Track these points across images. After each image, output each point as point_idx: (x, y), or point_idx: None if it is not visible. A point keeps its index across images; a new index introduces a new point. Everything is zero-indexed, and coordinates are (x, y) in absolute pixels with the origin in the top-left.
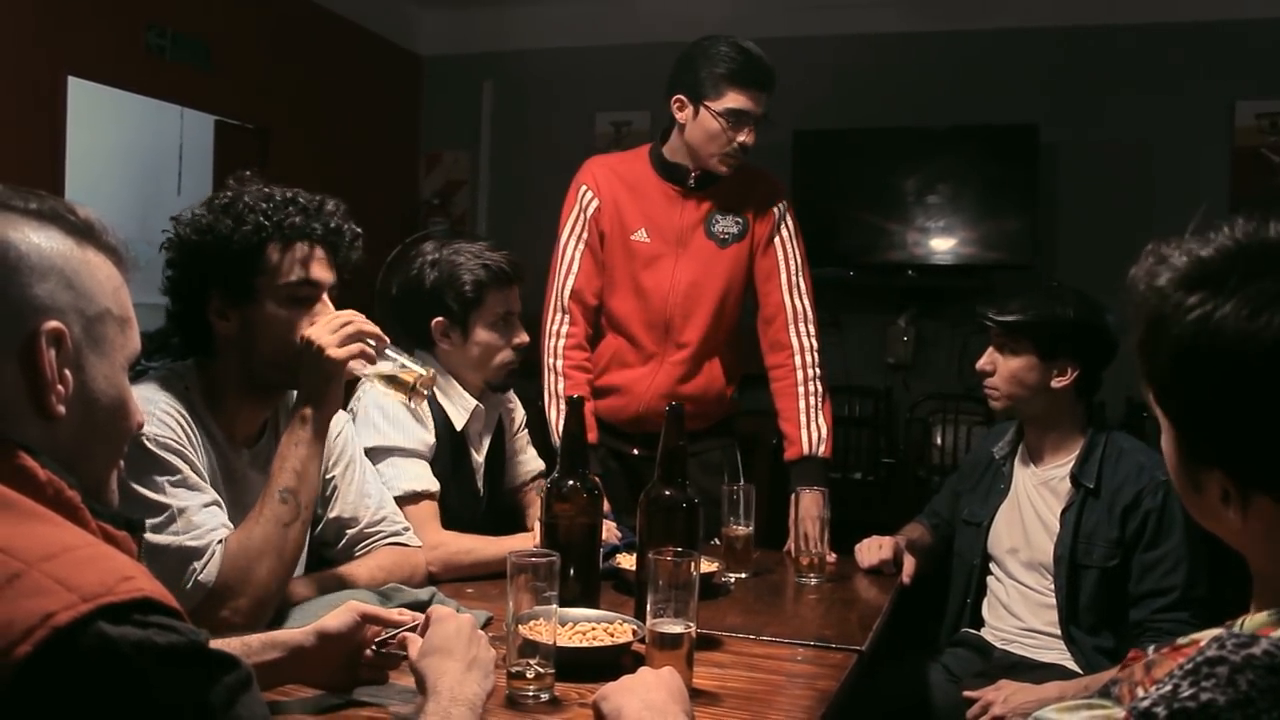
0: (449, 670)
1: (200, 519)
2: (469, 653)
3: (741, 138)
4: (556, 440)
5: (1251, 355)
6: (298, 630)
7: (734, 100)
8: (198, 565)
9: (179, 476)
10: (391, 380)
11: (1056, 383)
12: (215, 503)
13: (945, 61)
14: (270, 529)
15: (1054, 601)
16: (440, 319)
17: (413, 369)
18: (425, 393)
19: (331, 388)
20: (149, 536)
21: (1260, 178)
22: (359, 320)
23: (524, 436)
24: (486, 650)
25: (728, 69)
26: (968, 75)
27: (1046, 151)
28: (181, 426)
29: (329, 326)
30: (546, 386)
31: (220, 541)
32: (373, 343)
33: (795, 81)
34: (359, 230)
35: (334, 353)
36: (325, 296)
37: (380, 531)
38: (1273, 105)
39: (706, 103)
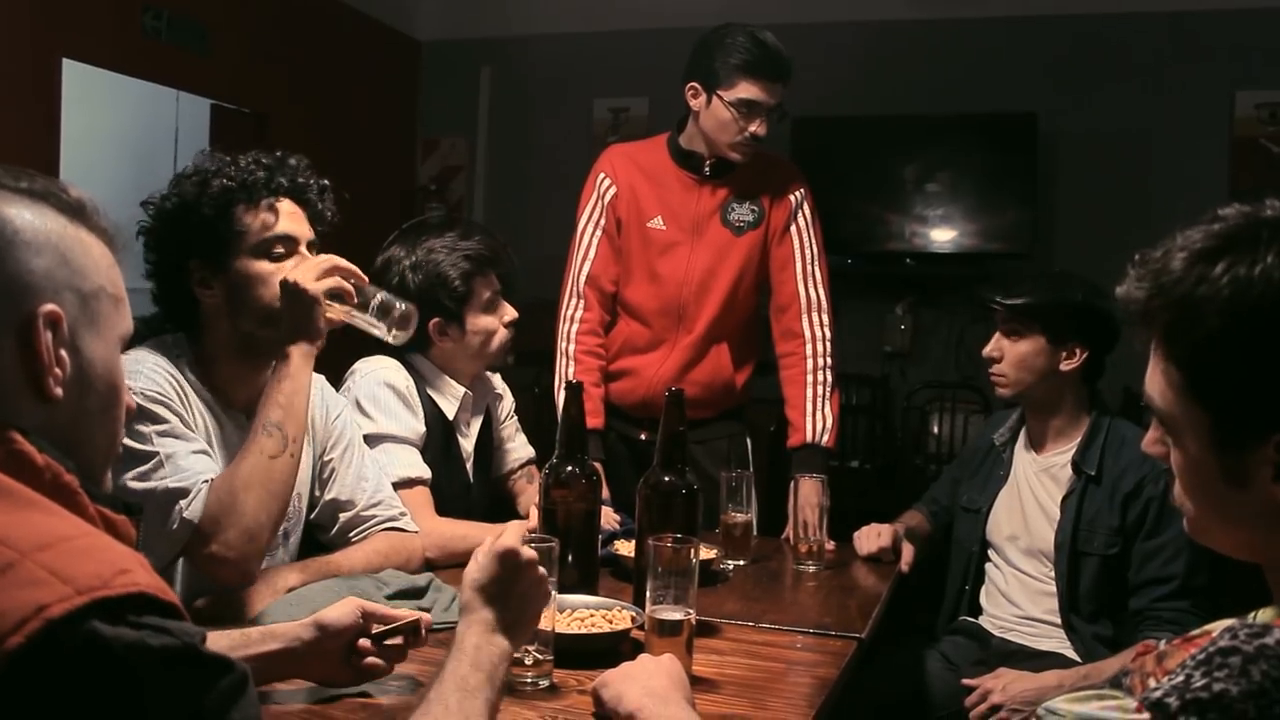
0: (484, 621)
1: (188, 463)
2: (518, 609)
3: (753, 128)
4: None
5: None
6: (296, 623)
7: (746, 90)
8: (183, 504)
9: (166, 426)
10: (376, 317)
11: (1065, 365)
12: (204, 452)
13: (945, 49)
14: (255, 461)
15: (1053, 589)
16: (436, 319)
17: (394, 303)
18: (409, 329)
19: (312, 321)
20: (134, 484)
21: (1259, 168)
22: (336, 259)
23: (513, 424)
24: (537, 605)
25: (741, 59)
26: (967, 63)
27: (1045, 140)
28: (171, 384)
29: (305, 265)
30: (558, 371)
31: (207, 481)
32: (351, 281)
33: (794, 69)
34: (326, 183)
35: (310, 285)
36: (305, 250)
37: (376, 516)
38: (1272, 95)
39: (719, 92)
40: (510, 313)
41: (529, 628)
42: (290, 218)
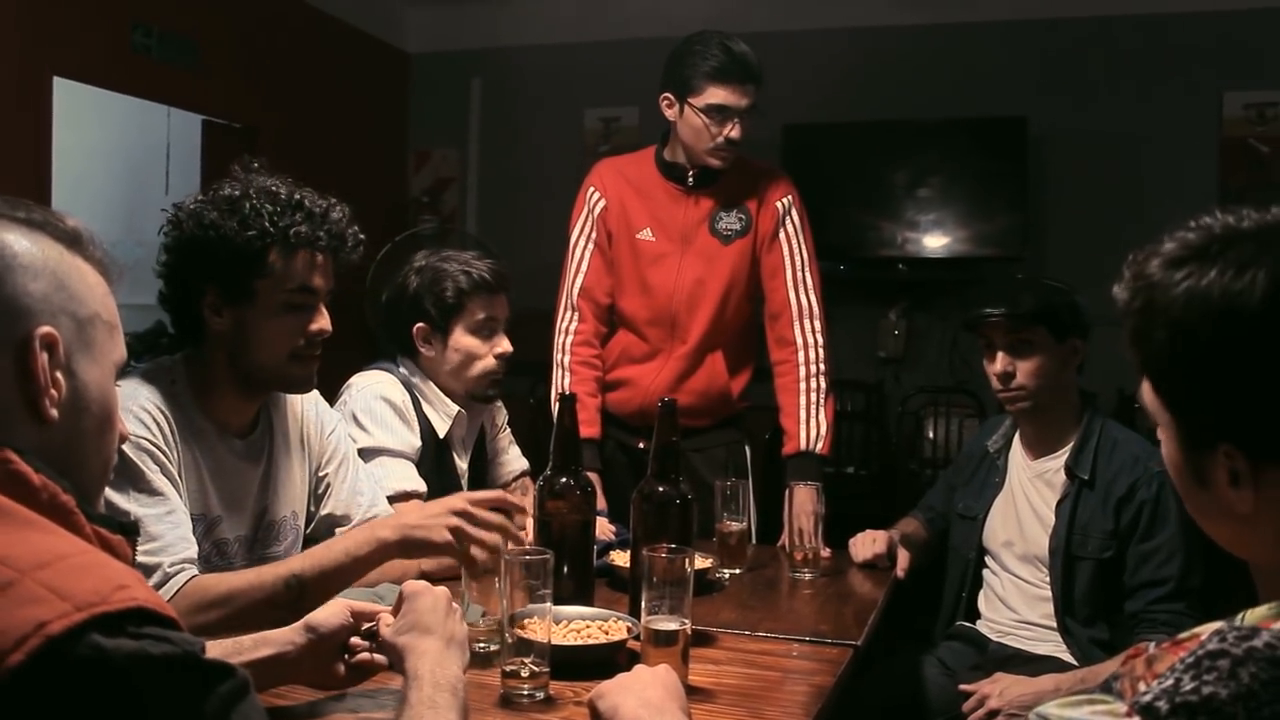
0: (429, 650)
1: (157, 530)
2: (447, 629)
3: (727, 132)
4: None
5: (1242, 313)
6: (287, 628)
7: (714, 96)
8: (152, 581)
9: (142, 480)
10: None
11: (1073, 361)
12: (176, 511)
13: (934, 54)
14: (255, 595)
15: (1049, 594)
16: (421, 325)
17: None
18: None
19: (433, 542)
20: None
21: (1248, 168)
22: (495, 540)
23: (506, 436)
24: (461, 625)
25: (707, 65)
26: (956, 68)
27: (1036, 144)
28: (157, 423)
29: (478, 508)
30: (553, 382)
31: (176, 564)
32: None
33: (784, 76)
34: (362, 237)
35: (441, 526)
36: (321, 304)
37: None
38: (1260, 96)
39: (690, 100)
40: (504, 345)
41: (465, 653)
42: (320, 271)
